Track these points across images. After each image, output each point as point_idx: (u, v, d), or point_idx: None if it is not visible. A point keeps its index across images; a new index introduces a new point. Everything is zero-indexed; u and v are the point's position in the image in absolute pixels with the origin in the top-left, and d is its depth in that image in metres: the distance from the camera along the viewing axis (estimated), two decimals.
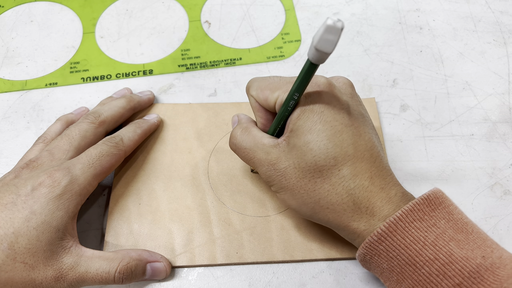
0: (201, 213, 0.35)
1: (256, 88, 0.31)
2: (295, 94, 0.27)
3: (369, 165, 0.28)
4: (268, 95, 0.30)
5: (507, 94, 0.41)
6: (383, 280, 0.28)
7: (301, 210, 0.29)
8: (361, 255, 0.27)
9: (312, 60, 0.25)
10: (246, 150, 0.30)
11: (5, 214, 0.28)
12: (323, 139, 0.27)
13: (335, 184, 0.27)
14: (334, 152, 0.27)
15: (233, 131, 0.32)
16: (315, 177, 0.27)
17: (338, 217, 0.28)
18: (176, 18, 0.46)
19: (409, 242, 0.25)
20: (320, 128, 0.27)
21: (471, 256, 0.24)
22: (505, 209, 0.36)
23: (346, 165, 0.27)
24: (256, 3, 0.47)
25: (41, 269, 0.28)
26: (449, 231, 0.25)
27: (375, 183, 0.27)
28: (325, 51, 0.23)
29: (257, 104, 0.31)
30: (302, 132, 0.28)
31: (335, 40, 0.23)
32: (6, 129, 0.40)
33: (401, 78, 0.42)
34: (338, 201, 0.27)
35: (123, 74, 0.43)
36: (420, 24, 0.46)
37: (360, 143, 0.28)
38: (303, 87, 0.27)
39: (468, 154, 0.38)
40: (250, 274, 0.33)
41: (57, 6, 0.48)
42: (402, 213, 0.26)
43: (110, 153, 0.33)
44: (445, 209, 0.26)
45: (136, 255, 0.31)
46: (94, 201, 0.36)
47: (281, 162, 0.28)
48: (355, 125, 0.28)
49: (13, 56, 0.44)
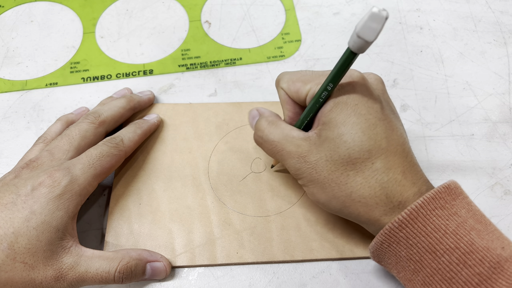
0: (201, 213, 0.35)
1: (288, 80, 0.30)
2: (329, 85, 0.27)
3: (402, 160, 0.27)
4: (300, 87, 0.29)
5: (507, 94, 0.41)
6: (396, 271, 0.28)
7: (330, 204, 0.29)
8: (378, 243, 0.27)
9: (352, 49, 0.25)
10: (274, 142, 0.30)
11: (5, 214, 0.28)
12: (358, 131, 0.27)
13: (368, 177, 0.27)
14: (368, 145, 0.27)
15: (257, 123, 0.31)
16: (348, 169, 0.27)
17: (370, 210, 0.27)
18: (176, 18, 0.46)
19: (430, 230, 0.25)
20: (354, 121, 0.27)
21: (491, 247, 0.24)
22: (506, 209, 0.36)
23: (380, 158, 0.27)
24: (256, 3, 0.47)
25: (41, 269, 0.28)
26: (470, 220, 0.25)
27: (407, 177, 0.27)
28: (367, 39, 0.23)
29: (287, 96, 0.31)
30: (335, 124, 0.27)
31: (378, 28, 0.23)
32: (6, 129, 0.40)
33: (401, 78, 0.42)
34: (371, 194, 0.27)
35: (123, 74, 0.43)
36: (420, 24, 0.46)
37: (393, 137, 0.28)
38: (339, 78, 0.27)
39: (468, 154, 0.38)
40: (250, 274, 0.33)
41: (57, 6, 0.48)
42: (424, 200, 0.25)
43: (110, 153, 0.33)
44: (465, 199, 0.26)
45: (136, 254, 0.31)
46: (95, 201, 0.36)
47: (312, 154, 0.28)
48: (387, 120, 0.28)
49: (13, 56, 0.44)
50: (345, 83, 0.28)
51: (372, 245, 0.28)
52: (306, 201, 0.35)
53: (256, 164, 0.37)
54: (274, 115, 0.32)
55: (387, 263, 0.28)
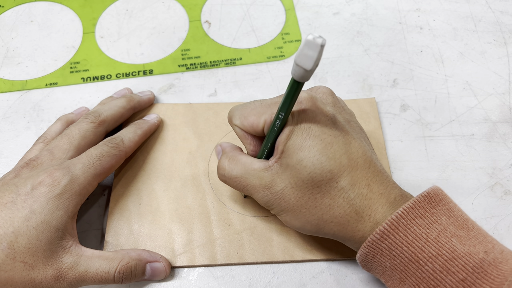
0: (201, 213, 0.35)
1: (240, 116, 0.30)
2: (280, 114, 0.27)
3: (364, 172, 0.27)
4: (254, 120, 0.29)
5: (507, 94, 0.41)
6: (384, 280, 0.28)
7: (305, 228, 0.29)
8: (363, 254, 0.27)
9: (294, 77, 0.24)
10: (238, 178, 0.30)
11: (4, 214, 0.28)
12: (315, 154, 0.27)
13: (335, 196, 0.27)
14: (328, 165, 0.27)
15: (219, 162, 0.31)
16: (314, 193, 0.27)
17: (343, 228, 0.27)
18: (176, 18, 0.46)
19: (412, 239, 0.25)
20: (310, 144, 0.27)
21: (473, 252, 0.24)
22: (506, 209, 0.36)
23: (343, 176, 0.27)
24: (256, 3, 0.47)
25: (40, 268, 0.28)
26: (450, 227, 0.25)
27: (373, 189, 0.27)
28: (304, 67, 0.23)
29: (243, 132, 0.30)
30: (293, 151, 0.27)
31: (314, 56, 0.22)
32: (6, 129, 0.40)
33: (401, 78, 0.42)
34: (341, 213, 0.27)
35: (123, 74, 0.43)
36: (420, 24, 0.46)
37: (352, 151, 0.28)
38: (288, 106, 0.26)
39: (468, 154, 0.38)
40: (250, 274, 0.33)
41: (57, 6, 0.48)
42: (404, 210, 0.26)
43: (110, 153, 0.33)
44: (446, 206, 0.26)
45: (135, 255, 0.31)
46: (94, 201, 0.36)
47: (277, 184, 0.28)
48: (343, 134, 0.28)
49: (13, 56, 0.44)
50: (295, 110, 0.28)
51: (358, 257, 0.28)
52: None
53: None
54: (234, 149, 0.32)
55: (375, 273, 0.28)
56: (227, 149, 0.32)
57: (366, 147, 0.29)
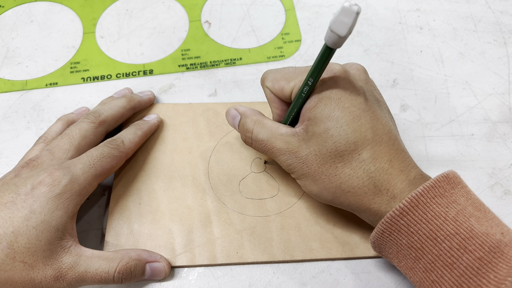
0: (201, 213, 0.35)
1: (272, 79, 0.31)
2: (309, 80, 0.28)
3: (388, 148, 0.28)
4: (284, 85, 0.30)
5: (507, 94, 0.41)
6: (397, 261, 0.28)
7: (322, 195, 0.30)
8: (379, 231, 0.28)
9: (327, 44, 0.25)
10: (264, 141, 0.31)
11: (4, 213, 0.28)
12: (342, 125, 0.28)
13: (356, 168, 0.28)
14: (353, 137, 0.28)
15: (244, 124, 0.32)
16: (336, 162, 0.28)
17: (360, 199, 0.28)
18: (176, 18, 0.46)
19: (430, 217, 0.26)
20: (338, 115, 0.28)
21: (491, 232, 0.25)
22: (506, 209, 0.36)
23: (366, 149, 0.28)
24: (256, 3, 0.47)
25: (40, 268, 0.28)
26: (469, 208, 0.26)
27: (394, 165, 0.28)
28: (339, 33, 0.24)
29: (273, 95, 0.31)
30: (320, 119, 0.28)
31: (349, 23, 0.23)
32: (7, 129, 0.40)
33: (401, 78, 0.42)
34: (359, 185, 0.28)
35: (123, 74, 0.43)
36: (420, 24, 0.46)
37: (378, 127, 0.28)
38: (318, 73, 0.27)
39: (468, 154, 0.38)
40: (250, 274, 0.33)
41: (57, 6, 0.48)
42: (424, 189, 0.26)
43: (111, 154, 0.33)
44: (464, 188, 0.27)
45: (135, 255, 0.31)
46: (95, 201, 0.36)
47: (302, 150, 0.29)
48: (372, 110, 0.29)
49: (14, 56, 0.44)
50: (327, 78, 0.29)
51: (373, 235, 0.28)
52: (306, 201, 0.35)
53: (256, 164, 0.37)
54: (258, 114, 0.32)
55: (388, 253, 0.29)
56: (248, 113, 0.33)
57: (392, 126, 0.30)
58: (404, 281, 0.33)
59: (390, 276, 0.33)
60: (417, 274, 0.27)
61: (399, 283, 0.33)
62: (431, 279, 0.26)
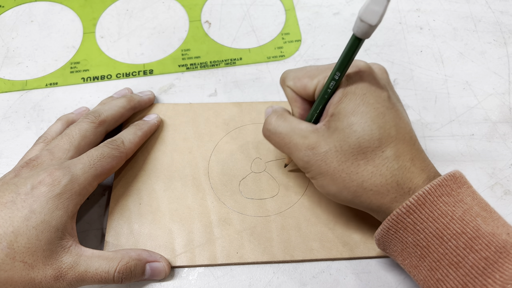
0: (201, 213, 0.35)
1: (293, 77, 0.31)
2: (336, 74, 0.27)
3: (410, 147, 0.28)
4: (307, 82, 0.30)
5: (507, 94, 0.41)
6: (402, 259, 0.28)
7: (341, 195, 0.29)
8: (385, 229, 0.27)
9: (356, 34, 0.25)
10: (282, 135, 0.30)
11: (4, 213, 0.28)
12: (367, 120, 0.27)
13: (379, 165, 0.27)
14: (378, 133, 0.27)
15: (267, 118, 0.31)
16: (359, 159, 0.27)
17: (382, 198, 0.27)
18: (176, 18, 0.46)
19: (437, 216, 0.25)
20: (363, 110, 0.27)
21: (497, 232, 0.25)
22: (506, 209, 0.36)
23: (390, 146, 0.27)
24: (256, 3, 0.47)
25: (40, 268, 0.28)
26: (475, 207, 0.26)
27: (416, 164, 0.28)
28: (370, 22, 0.23)
29: (294, 94, 0.31)
30: (344, 114, 0.28)
31: (380, 11, 0.23)
32: (7, 129, 0.40)
33: (401, 78, 0.42)
34: (382, 182, 0.27)
35: (123, 74, 0.43)
36: (420, 24, 0.46)
37: (401, 126, 0.28)
38: (346, 66, 0.27)
39: (468, 154, 0.38)
40: (250, 274, 0.33)
41: (58, 6, 0.48)
42: (431, 187, 0.26)
43: (111, 155, 0.33)
44: (469, 188, 0.27)
45: (135, 255, 0.31)
46: (95, 201, 0.36)
47: (321, 146, 0.28)
48: (395, 108, 0.28)
49: (14, 56, 0.44)
50: (352, 73, 0.28)
51: (378, 232, 0.28)
52: (306, 201, 0.35)
53: (256, 164, 0.37)
54: (284, 110, 0.32)
55: (392, 251, 0.28)
56: (277, 109, 0.32)
57: (411, 127, 0.29)
58: (404, 281, 0.33)
59: (391, 276, 0.33)
60: (422, 273, 0.27)
61: (399, 283, 0.33)
62: (436, 278, 0.26)
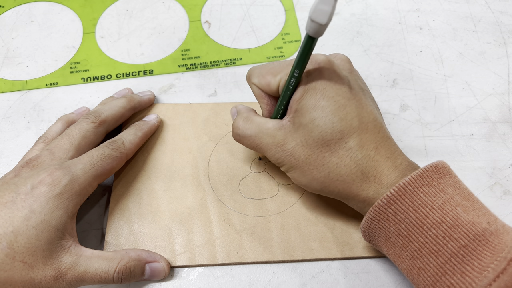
0: (201, 213, 0.35)
1: (258, 75, 0.31)
2: (295, 71, 0.28)
3: (374, 136, 0.28)
4: (270, 79, 0.30)
5: (507, 94, 0.41)
6: (386, 249, 0.28)
7: (311, 186, 0.30)
8: (368, 220, 0.28)
9: (309, 33, 0.25)
10: (252, 137, 0.31)
11: (4, 213, 0.28)
12: (328, 114, 0.28)
13: (343, 156, 0.28)
14: (340, 125, 0.28)
15: (234, 121, 0.32)
16: (323, 151, 0.28)
17: (348, 187, 0.28)
18: (176, 18, 0.46)
19: (417, 206, 0.26)
20: (324, 104, 0.28)
21: (477, 221, 0.25)
22: (505, 209, 0.36)
23: (352, 137, 0.28)
24: (256, 3, 0.47)
25: (40, 268, 0.28)
26: (456, 197, 0.26)
27: (380, 152, 0.28)
28: (320, 21, 0.24)
29: (260, 91, 0.32)
30: (306, 110, 0.28)
31: (329, 10, 0.23)
32: (7, 129, 0.40)
33: (401, 78, 0.42)
34: (347, 172, 0.28)
35: (123, 74, 0.43)
36: (420, 24, 0.46)
37: (364, 115, 0.29)
38: (303, 63, 0.27)
39: (468, 154, 0.38)
40: (250, 274, 0.33)
41: (58, 6, 0.48)
42: (412, 178, 0.26)
43: (111, 155, 0.33)
44: (452, 178, 0.27)
45: (135, 255, 0.31)
46: (95, 201, 0.36)
47: (288, 142, 0.29)
48: (357, 98, 0.29)
49: (14, 56, 0.44)
50: (312, 69, 0.29)
51: (363, 223, 0.29)
52: (305, 201, 0.35)
53: (256, 164, 0.37)
54: (249, 111, 0.33)
55: (377, 241, 0.29)
56: (242, 110, 0.33)
57: (377, 114, 0.30)
58: (404, 281, 0.33)
59: (390, 276, 0.33)
60: (405, 262, 0.27)
61: (399, 283, 0.33)
62: (418, 266, 0.26)
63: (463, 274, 0.24)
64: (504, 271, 0.23)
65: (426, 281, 0.26)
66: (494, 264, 0.23)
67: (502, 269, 0.23)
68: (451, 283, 0.24)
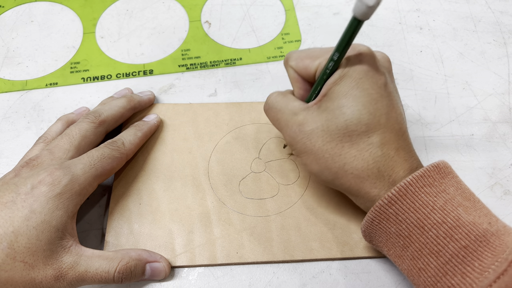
0: (201, 213, 0.35)
1: (296, 58, 0.31)
2: (335, 54, 0.27)
3: (397, 137, 0.28)
4: (309, 63, 0.30)
5: (507, 94, 0.41)
6: (387, 249, 0.28)
7: (322, 175, 0.29)
8: (369, 220, 0.28)
9: (355, 15, 0.25)
10: (276, 110, 0.31)
11: (4, 213, 0.28)
12: (358, 104, 0.27)
13: (363, 150, 0.28)
14: (367, 119, 0.27)
15: (270, 93, 0.32)
16: (343, 141, 0.28)
17: (361, 182, 0.28)
18: (176, 18, 0.46)
19: (419, 206, 0.26)
20: (356, 94, 0.27)
21: (478, 222, 0.25)
22: (505, 209, 0.36)
23: (376, 133, 0.28)
24: (256, 3, 0.47)
25: (40, 268, 0.28)
26: (458, 197, 0.26)
27: (400, 154, 0.28)
28: (367, 2, 0.23)
29: (296, 74, 0.31)
30: (337, 96, 0.28)
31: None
32: (7, 129, 0.40)
33: (401, 78, 0.42)
34: (363, 167, 0.27)
35: (123, 74, 0.43)
36: (420, 24, 0.46)
37: (392, 115, 0.28)
38: (345, 47, 0.27)
39: (468, 154, 0.38)
40: (250, 274, 0.33)
41: (58, 6, 0.48)
42: (413, 178, 0.26)
43: (112, 155, 0.33)
44: (454, 178, 0.27)
45: (135, 255, 0.31)
46: (95, 201, 0.36)
47: (308, 123, 0.28)
48: (389, 97, 0.28)
49: (14, 56, 0.44)
50: (352, 56, 0.28)
51: (363, 223, 0.29)
52: (306, 201, 0.35)
53: (256, 164, 0.37)
54: (288, 90, 0.33)
55: (377, 241, 0.29)
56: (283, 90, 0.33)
57: (404, 119, 0.30)
58: (404, 282, 0.33)
59: (390, 276, 0.33)
60: (405, 262, 0.27)
61: (399, 283, 0.33)
62: (418, 267, 0.26)
63: (463, 275, 0.24)
64: (505, 272, 0.23)
65: (427, 281, 0.26)
66: (495, 265, 0.23)
67: (503, 270, 0.23)
68: (451, 283, 0.24)
